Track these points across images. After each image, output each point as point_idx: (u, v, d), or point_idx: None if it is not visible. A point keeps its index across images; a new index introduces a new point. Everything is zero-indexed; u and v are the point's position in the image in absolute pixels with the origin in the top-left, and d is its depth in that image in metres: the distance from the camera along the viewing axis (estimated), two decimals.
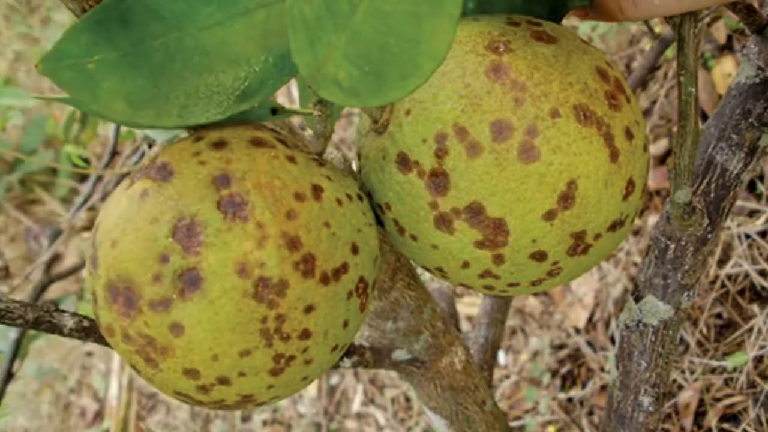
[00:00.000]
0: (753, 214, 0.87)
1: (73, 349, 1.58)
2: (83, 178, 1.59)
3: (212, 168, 0.22)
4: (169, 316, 0.21)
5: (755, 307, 0.84)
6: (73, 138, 0.82)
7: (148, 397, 1.46)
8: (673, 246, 0.32)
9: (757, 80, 0.30)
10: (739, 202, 0.88)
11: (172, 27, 0.21)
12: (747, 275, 0.86)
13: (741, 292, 0.86)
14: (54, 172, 1.59)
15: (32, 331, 0.64)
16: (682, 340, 0.88)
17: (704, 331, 0.87)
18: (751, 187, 0.88)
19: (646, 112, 1.00)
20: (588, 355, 0.97)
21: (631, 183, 0.24)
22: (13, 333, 0.62)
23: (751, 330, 0.84)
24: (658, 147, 0.97)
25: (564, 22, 0.27)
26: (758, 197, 0.87)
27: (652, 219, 0.96)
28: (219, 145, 0.23)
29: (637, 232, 0.97)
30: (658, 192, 0.97)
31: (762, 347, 0.82)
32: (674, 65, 0.97)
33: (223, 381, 0.22)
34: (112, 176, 0.77)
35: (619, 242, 0.25)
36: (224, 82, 0.22)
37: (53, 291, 1.42)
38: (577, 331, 1.00)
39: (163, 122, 0.22)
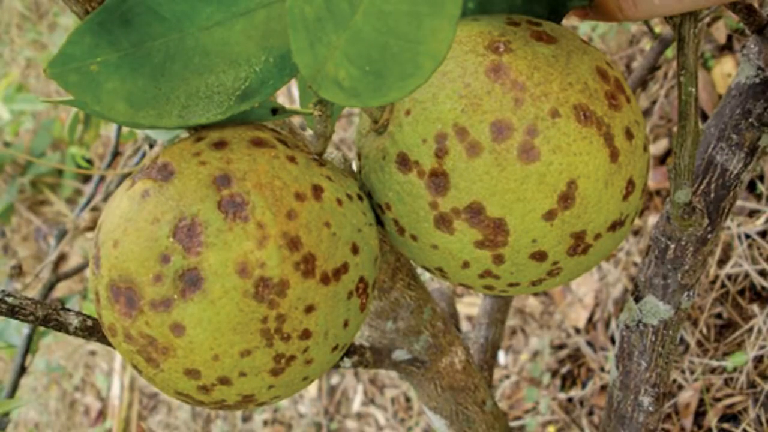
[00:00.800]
0: (753, 214, 0.87)
1: (78, 348, 1.59)
2: (87, 178, 1.60)
3: (213, 168, 0.22)
4: (170, 316, 0.21)
5: (755, 307, 0.84)
6: (77, 139, 0.82)
7: (149, 397, 1.46)
8: (673, 246, 0.31)
9: (757, 80, 0.30)
10: (739, 202, 0.88)
11: (172, 27, 0.21)
12: (747, 275, 0.85)
13: (741, 292, 0.86)
14: (60, 173, 1.61)
15: (42, 328, 0.65)
16: (682, 340, 0.88)
17: (704, 331, 0.87)
18: (751, 187, 0.88)
19: (646, 112, 1.00)
20: (588, 355, 0.97)
21: (631, 183, 0.24)
22: (26, 329, 0.63)
23: (751, 330, 0.83)
24: (658, 147, 0.97)
25: (564, 22, 0.27)
26: (758, 197, 0.87)
27: (652, 219, 0.96)
28: (219, 145, 0.23)
29: (637, 232, 0.97)
30: (658, 192, 0.97)
31: (762, 347, 0.82)
32: (674, 65, 0.97)
33: (224, 381, 0.22)
34: (114, 176, 0.78)
35: (619, 242, 0.25)
36: (225, 82, 0.22)
37: (59, 290, 1.43)
38: (577, 331, 1.00)
39: (164, 122, 0.22)
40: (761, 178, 0.87)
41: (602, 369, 0.95)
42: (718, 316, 0.87)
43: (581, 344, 0.97)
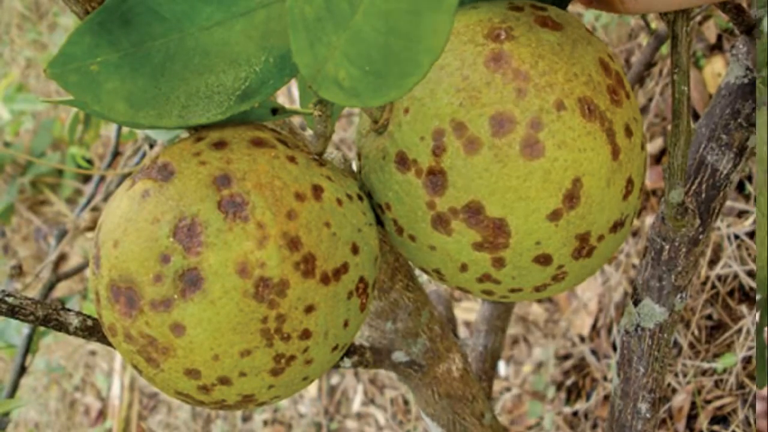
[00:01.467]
0: (742, 214, 0.86)
1: (78, 348, 1.59)
2: (87, 178, 1.60)
3: (213, 168, 0.22)
4: (170, 316, 0.21)
5: (744, 308, 0.83)
6: (77, 139, 0.83)
7: (149, 397, 1.46)
8: (667, 247, 0.31)
9: (746, 80, 0.30)
10: (728, 203, 0.87)
11: (172, 27, 0.21)
12: (736, 276, 0.84)
13: (731, 293, 0.85)
14: (60, 173, 1.61)
15: (42, 328, 0.65)
16: (675, 342, 0.87)
17: (696, 332, 0.86)
18: (740, 187, 0.87)
19: (643, 110, 0.99)
20: (592, 364, 0.93)
21: (630, 182, 0.23)
22: (25, 329, 0.63)
23: (740, 331, 0.82)
24: (653, 146, 0.95)
25: (569, 8, 0.26)
26: (747, 198, 0.86)
27: (650, 220, 0.96)
28: (219, 145, 0.23)
29: (635, 233, 0.95)
30: (654, 192, 0.95)
31: (750, 348, 0.80)
32: (669, 62, 0.97)
33: (224, 381, 0.22)
34: (114, 176, 0.78)
35: (621, 244, 0.25)
36: (225, 82, 0.22)
37: (59, 290, 1.43)
38: (582, 339, 0.96)
39: (164, 122, 0.22)
40: (749, 178, 0.86)
41: (605, 378, 0.91)
42: (709, 317, 0.85)
43: (586, 353, 0.94)
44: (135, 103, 0.22)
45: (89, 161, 1.45)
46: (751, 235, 0.85)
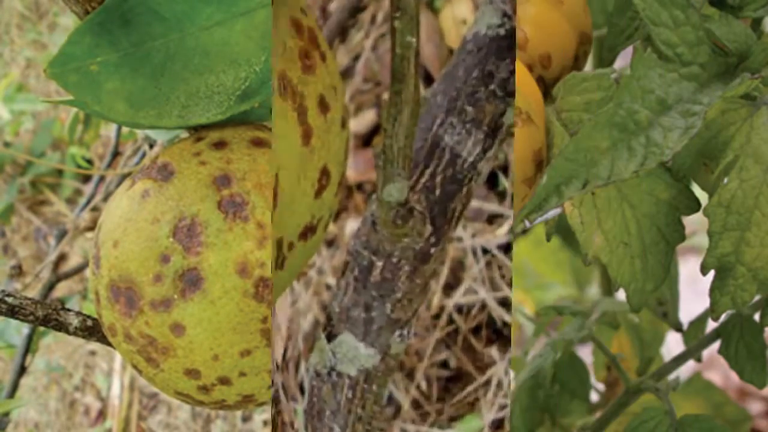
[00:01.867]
0: (494, 219, 0.59)
1: (78, 348, 1.59)
2: (87, 178, 1.60)
3: (213, 168, 0.22)
4: (170, 316, 0.21)
5: (494, 352, 0.57)
6: (77, 139, 0.83)
7: (149, 397, 1.46)
8: (380, 264, 0.23)
9: (503, 31, 0.22)
10: (474, 203, 0.57)
11: (172, 27, 0.21)
12: (484, 306, 0.58)
13: (476, 330, 0.58)
14: (60, 173, 1.61)
15: (42, 328, 0.65)
16: (390, 399, 0.58)
17: (423, 386, 0.58)
18: (492, 181, 0.59)
19: (346, 73, 0.66)
20: (282, 402, 0.62)
21: (325, 173, 0.19)
22: (25, 329, 0.63)
23: (489, 383, 0.57)
24: (361, 122, 0.65)
25: None
26: (501, 196, 0.59)
27: (352, 224, 0.63)
28: (219, 145, 0.23)
29: (331, 243, 0.65)
30: (359, 186, 0.65)
31: (504, 407, 0.55)
32: (385, 4, 0.62)
33: (224, 381, 0.22)
34: (114, 176, 0.78)
35: (312, 255, 0.20)
36: (225, 82, 0.22)
37: (59, 290, 1.43)
38: (277, 366, 0.64)
39: (164, 122, 0.22)
40: (505, 169, 0.58)
41: (293, 426, 0.61)
42: (444, 364, 0.59)
43: (278, 385, 0.62)
44: (135, 103, 0.22)
45: (89, 161, 1.45)
46: (507, 248, 0.57)
